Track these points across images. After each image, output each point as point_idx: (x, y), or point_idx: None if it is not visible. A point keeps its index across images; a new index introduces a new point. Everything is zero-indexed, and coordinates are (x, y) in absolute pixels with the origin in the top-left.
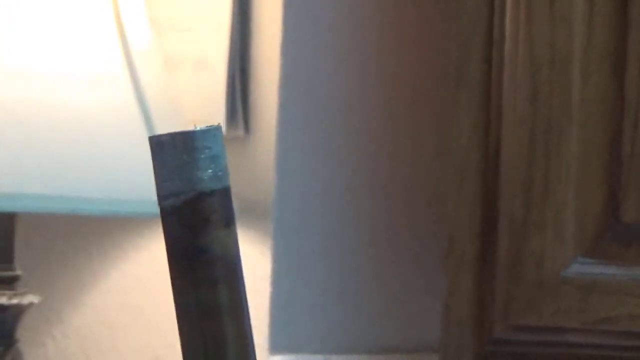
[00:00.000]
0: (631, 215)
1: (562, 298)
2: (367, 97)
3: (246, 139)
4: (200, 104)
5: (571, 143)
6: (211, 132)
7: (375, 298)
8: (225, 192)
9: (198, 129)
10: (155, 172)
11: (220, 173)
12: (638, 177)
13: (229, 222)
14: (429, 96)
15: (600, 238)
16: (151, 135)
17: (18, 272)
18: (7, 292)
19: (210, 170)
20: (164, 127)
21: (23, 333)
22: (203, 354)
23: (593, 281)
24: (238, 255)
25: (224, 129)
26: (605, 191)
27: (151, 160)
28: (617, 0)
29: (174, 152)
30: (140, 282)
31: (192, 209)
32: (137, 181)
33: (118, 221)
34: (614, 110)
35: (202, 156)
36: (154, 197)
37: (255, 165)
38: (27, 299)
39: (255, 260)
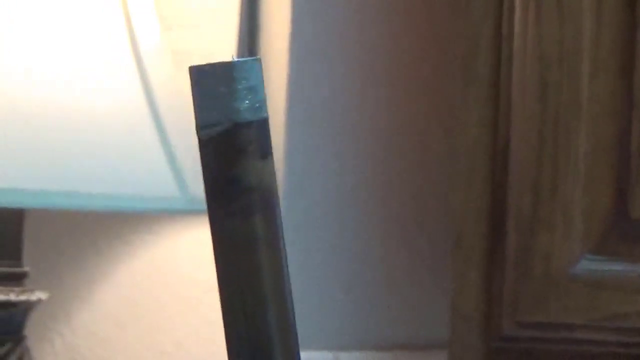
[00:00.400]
0: (639, 212)
1: (570, 295)
2: (375, 95)
3: None
4: None
5: (579, 141)
6: (249, 63)
7: (384, 295)
8: (263, 124)
9: (237, 59)
10: (194, 103)
11: (257, 105)
12: None
13: (265, 154)
14: (437, 93)
15: (609, 235)
16: (191, 68)
17: (26, 268)
18: (15, 288)
19: (247, 102)
20: (172, 125)
21: (31, 329)
22: (238, 285)
23: (601, 278)
24: (275, 186)
25: None
26: (614, 188)
27: (191, 93)
28: None
29: (212, 83)
30: (148, 279)
31: (228, 140)
32: (145, 178)
33: (126, 217)
34: (622, 108)
35: (240, 87)
36: (163, 194)
37: None
38: (35, 296)
39: None
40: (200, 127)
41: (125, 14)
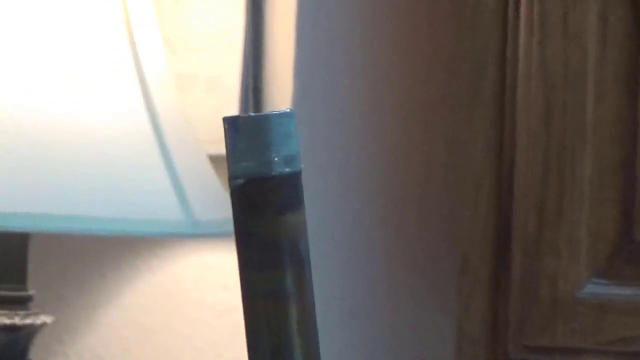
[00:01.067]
0: None
1: (576, 319)
2: (380, 118)
3: None
4: (213, 123)
5: (585, 163)
6: (284, 116)
7: (389, 317)
8: (295, 176)
9: (272, 112)
10: (227, 153)
11: (290, 157)
12: None
13: (297, 206)
14: (443, 116)
15: (614, 259)
16: (227, 118)
17: (31, 292)
18: (20, 312)
19: (280, 154)
20: (177, 149)
21: (36, 353)
22: (267, 337)
23: (607, 302)
24: (305, 238)
25: None
26: (619, 212)
27: (224, 142)
28: (630, 20)
29: (246, 134)
30: (154, 302)
31: (260, 192)
32: (150, 202)
33: (131, 241)
34: (627, 131)
35: (274, 140)
36: (167, 218)
37: None
38: (40, 319)
39: None
40: (232, 178)
41: (129, 37)
